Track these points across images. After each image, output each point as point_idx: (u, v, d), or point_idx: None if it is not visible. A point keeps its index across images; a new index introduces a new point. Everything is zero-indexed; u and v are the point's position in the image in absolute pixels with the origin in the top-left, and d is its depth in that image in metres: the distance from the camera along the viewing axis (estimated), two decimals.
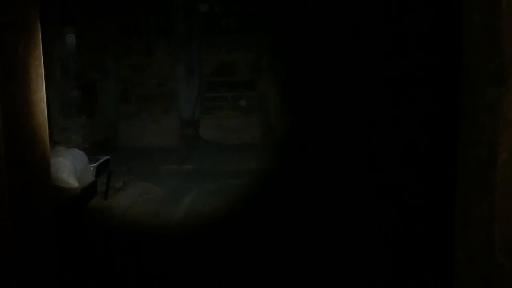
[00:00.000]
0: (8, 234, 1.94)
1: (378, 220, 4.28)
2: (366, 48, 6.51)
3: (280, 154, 6.90)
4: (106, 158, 5.08)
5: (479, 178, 1.81)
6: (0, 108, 1.87)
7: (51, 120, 5.37)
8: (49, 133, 2.39)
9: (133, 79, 8.05)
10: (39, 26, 2.21)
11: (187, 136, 7.97)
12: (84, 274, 3.41)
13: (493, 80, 1.72)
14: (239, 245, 3.89)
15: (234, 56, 8.09)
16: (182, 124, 8.06)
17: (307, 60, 7.06)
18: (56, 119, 6.49)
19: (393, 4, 6.06)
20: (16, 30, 2.04)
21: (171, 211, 4.80)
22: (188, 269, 3.52)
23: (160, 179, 5.84)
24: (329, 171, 5.71)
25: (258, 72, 8.09)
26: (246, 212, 4.70)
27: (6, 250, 1.95)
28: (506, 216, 1.73)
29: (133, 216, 4.70)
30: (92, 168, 4.74)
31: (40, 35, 2.21)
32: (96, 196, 4.96)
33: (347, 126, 6.61)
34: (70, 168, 4.32)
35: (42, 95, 2.22)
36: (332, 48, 6.83)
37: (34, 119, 2.15)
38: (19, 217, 2.00)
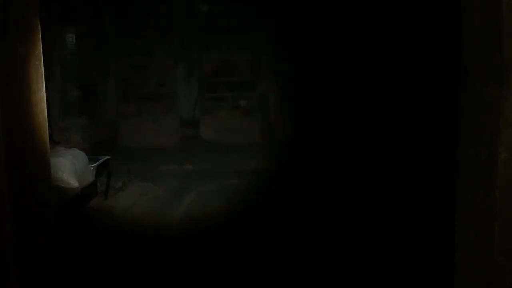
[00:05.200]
0: (8, 234, 1.94)
1: (380, 220, 4.28)
2: (366, 47, 6.51)
3: (280, 154, 6.89)
4: (106, 158, 5.08)
5: (479, 178, 1.81)
6: (0, 108, 1.87)
7: (51, 120, 5.37)
8: (49, 133, 2.39)
9: (133, 79, 8.05)
10: (39, 26, 2.21)
11: (187, 136, 7.96)
12: (84, 274, 3.41)
13: (493, 80, 1.72)
14: (239, 245, 3.89)
15: (234, 56, 8.09)
16: (182, 124, 8.05)
17: (307, 60, 7.06)
18: (56, 119, 6.49)
19: (393, 4, 6.06)
20: (16, 30, 2.04)
21: (171, 211, 4.80)
22: (188, 269, 3.52)
23: (160, 179, 5.84)
24: (329, 171, 5.70)
25: (258, 72, 8.08)
26: (246, 212, 4.70)
27: (6, 250, 1.95)
28: (506, 216, 1.73)
29: (133, 216, 4.70)
30: (92, 168, 4.73)
31: (40, 35, 2.21)
32: (96, 196, 4.95)
33: (347, 125, 6.61)
34: (70, 168, 4.32)
35: (42, 95, 2.22)
36: (332, 47, 6.84)
37: (34, 119, 2.15)
38: (19, 217, 2.00)
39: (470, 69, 1.86)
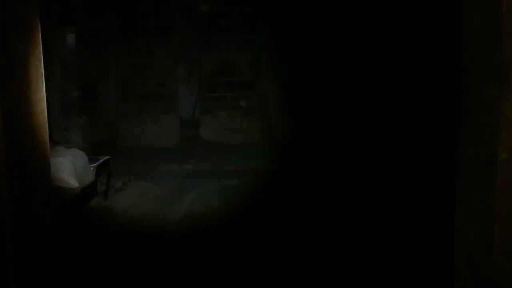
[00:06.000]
0: (8, 234, 1.94)
1: (380, 220, 4.28)
2: (365, 48, 6.51)
3: (280, 154, 6.89)
4: (106, 158, 5.08)
5: (479, 178, 1.81)
6: (0, 108, 1.87)
7: (51, 120, 5.37)
8: (49, 133, 2.39)
9: (133, 79, 8.05)
10: (39, 26, 2.21)
11: (187, 136, 7.97)
12: (84, 274, 3.41)
13: (493, 80, 1.72)
14: (239, 246, 3.89)
15: (234, 56, 8.09)
16: (182, 124, 8.05)
17: (307, 60, 7.06)
18: (56, 119, 6.49)
19: (393, 4, 6.06)
20: (16, 30, 2.04)
21: (171, 211, 4.80)
22: (187, 269, 3.52)
23: (160, 179, 5.84)
24: (329, 171, 5.70)
25: (258, 72, 8.08)
26: (246, 213, 4.70)
27: (6, 250, 1.95)
28: (506, 216, 1.73)
29: (133, 216, 4.70)
30: (92, 168, 4.73)
31: (40, 35, 2.21)
32: (96, 196, 4.96)
33: (347, 125, 6.61)
34: (70, 168, 4.32)
35: (42, 95, 2.22)
36: (331, 48, 6.83)
37: (34, 119, 2.15)
38: (19, 217, 2.00)
39: (470, 69, 1.86)
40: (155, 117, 7.92)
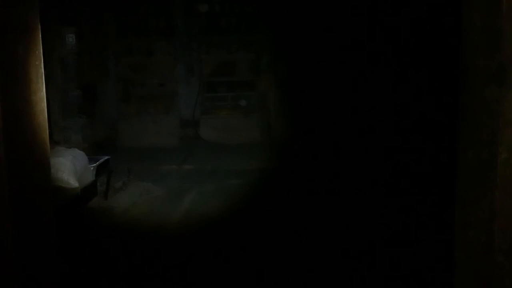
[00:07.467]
0: (8, 234, 1.94)
1: (380, 220, 4.28)
2: (365, 48, 6.51)
3: (280, 154, 6.89)
4: (106, 158, 5.08)
5: (479, 178, 1.81)
6: (0, 108, 1.87)
7: (51, 120, 5.36)
8: (49, 133, 2.39)
9: (133, 79, 8.04)
10: (39, 26, 2.21)
11: (187, 136, 7.97)
12: (84, 274, 3.41)
13: (493, 80, 1.72)
14: (239, 245, 3.89)
15: (234, 56, 8.09)
16: (182, 124, 8.05)
17: (307, 60, 7.06)
18: (56, 119, 6.49)
19: (393, 5, 6.06)
20: (16, 30, 2.04)
21: (171, 211, 4.80)
22: (187, 268, 3.52)
23: (160, 179, 5.84)
24: (328, 171, 5.70)
25: (258, 72, 8.08)
26: (246, 212, 4.70)
27: (6, 250, 1.95)
28: (506, 216, 1.73)
29: (133, 216, 4.70)
30: (92, 168, 4.73)
31: (40, 35, 2.21)
32: (96, 196, 4.95)
33: (347, 125, 6.61)
34: (70, 168, 4.32)
35: (42, 95, 2.22)
36: (331, 48, 6.83)
37: (34, 119, 2.15)
38: (19, 217, 2.00)
39: (470, 69, 1.86)
40: (155, 117, 7.91)
